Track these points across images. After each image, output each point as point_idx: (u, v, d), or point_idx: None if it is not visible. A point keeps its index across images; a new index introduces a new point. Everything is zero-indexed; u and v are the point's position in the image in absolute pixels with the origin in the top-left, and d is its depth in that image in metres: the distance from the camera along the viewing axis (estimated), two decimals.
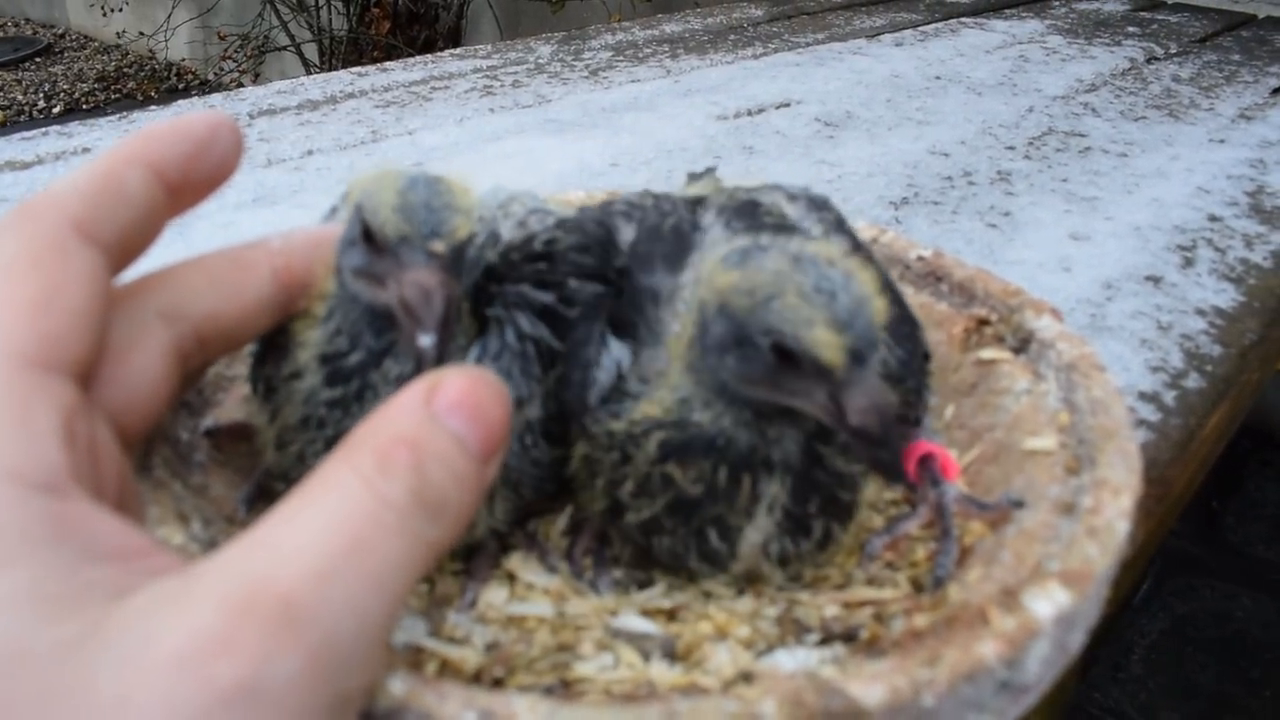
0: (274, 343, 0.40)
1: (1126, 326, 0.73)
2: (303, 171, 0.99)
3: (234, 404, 0.45)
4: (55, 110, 4.60)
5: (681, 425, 0.36)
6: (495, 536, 0.41)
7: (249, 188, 0.95)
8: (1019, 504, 0.39)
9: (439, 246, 0.34)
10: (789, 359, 0.33)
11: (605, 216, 0.42)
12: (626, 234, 0.41)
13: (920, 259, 0.53)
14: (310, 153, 1.05)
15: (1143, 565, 0.57)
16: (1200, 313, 0.76)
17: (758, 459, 0.36)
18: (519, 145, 1.06)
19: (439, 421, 0.28)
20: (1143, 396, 0.65)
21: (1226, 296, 0.79)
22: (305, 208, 0.91)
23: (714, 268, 0.35)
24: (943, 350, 0.49)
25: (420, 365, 0.33)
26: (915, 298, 0.52)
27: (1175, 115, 1.26)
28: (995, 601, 0.32)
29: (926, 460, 0.42)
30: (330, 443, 0.36)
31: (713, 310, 0.35)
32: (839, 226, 0.44)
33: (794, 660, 0.35)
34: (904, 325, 0.43)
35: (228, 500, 0.40)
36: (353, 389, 0.37)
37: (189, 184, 0.34)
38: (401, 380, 0.36)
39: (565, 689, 0.34)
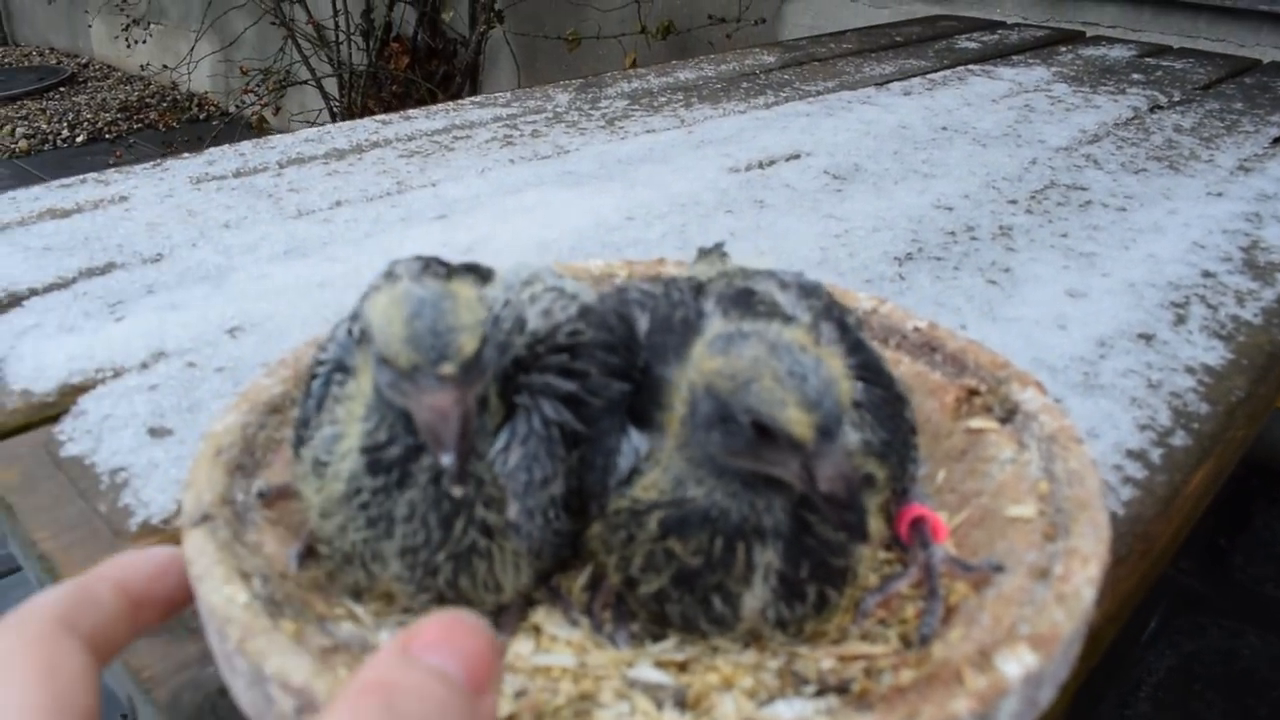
0: (316, 422, 0.44)
1: (1118, 385, 0.76)
2: (331, 224, 1.04)
3: (282, 465, 0.49)
4: (79, 139, 4.68)
5: (678, 503, 0.41)
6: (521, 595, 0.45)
7: (281, 240, 1.00)
8: (999, 568, 0.42)
9: (449, 369, 0.38)
10: (767, 434, 0.38)
11: (624, 307, 0.46)
12: (641, 324, 0.45)
13: (916, 330, 0.57)
14: (338, 204, 1.09)
15: (1126, 615, 0.61)
16: (1190, 370, 0.80)
17: (749, 527, 0.40)
18: (538, 198, 1.10)
19: (414, 660, 0.30)
20: (1130, 454, 0.68)
21: (1216, 354, 0.82)
22: (334, 260, 0.95)
23: (700, 353, 0.41)
24: (936, 418, 0.53)
25: (446, 479, 0.38)
26: (911, 366, 0.56)
27: (1175, 167, 1.30)
28: (970, 661, 0.35)
29: (918, 523, 0.46)
30: (372, 521, 0.41)
31: (700, 392, 0.40)
32: (828, 313, 0.49)
33: (792, 710, 0.38)
34: (889, 405, 0.46)
35: (280, 557, 0.44)
36: (394, 477, 0.41)
37: (149, 601, 0.39)
38: (437, 471, 0.40)
39: None
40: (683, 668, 0.41)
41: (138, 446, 0.67)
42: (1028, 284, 0.92)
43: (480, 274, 0.53)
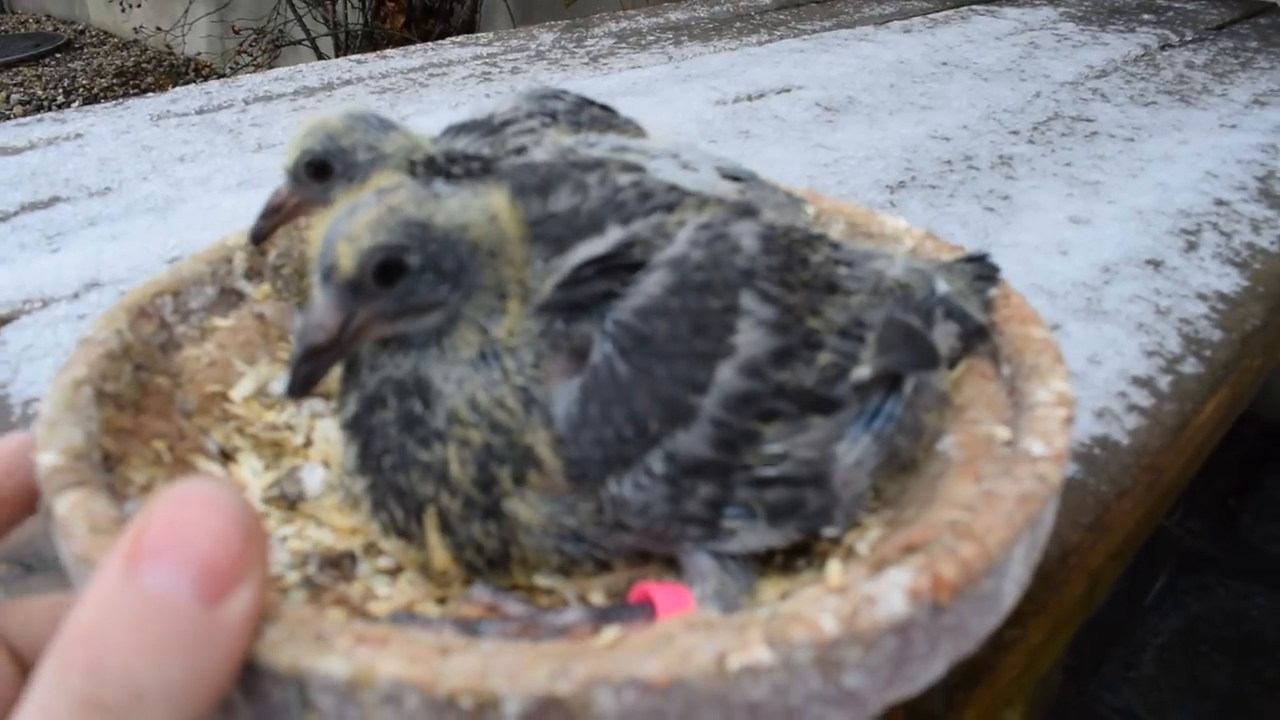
0: None
1: (1123, 310, 0.70)
2: None
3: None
4: (74, 105, 4.62)
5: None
6: None
7: (236, 172, 0.94)
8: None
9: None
10: None
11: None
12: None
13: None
14: None
15: (1131, 554, 0.55)
16: (1202, 297, 0.74)
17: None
18: None
19: (131, 583, 0.23)
20: (1136, 381, 0.63)
21: (1230, 281, 0.76)
22: None
23: None
24: None
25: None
26: None
27: (1187, 101, 1.23)
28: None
29: (643, 601, 0.35)
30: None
31: None
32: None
33: None
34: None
35: None
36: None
37: (14, 494, 0.33)
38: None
39: None
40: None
41: (55, 377, 0.62)
42: (1027, 211, 0.86)
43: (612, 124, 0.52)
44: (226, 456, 0.41)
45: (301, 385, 0.34)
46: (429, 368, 0.35)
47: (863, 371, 0.37)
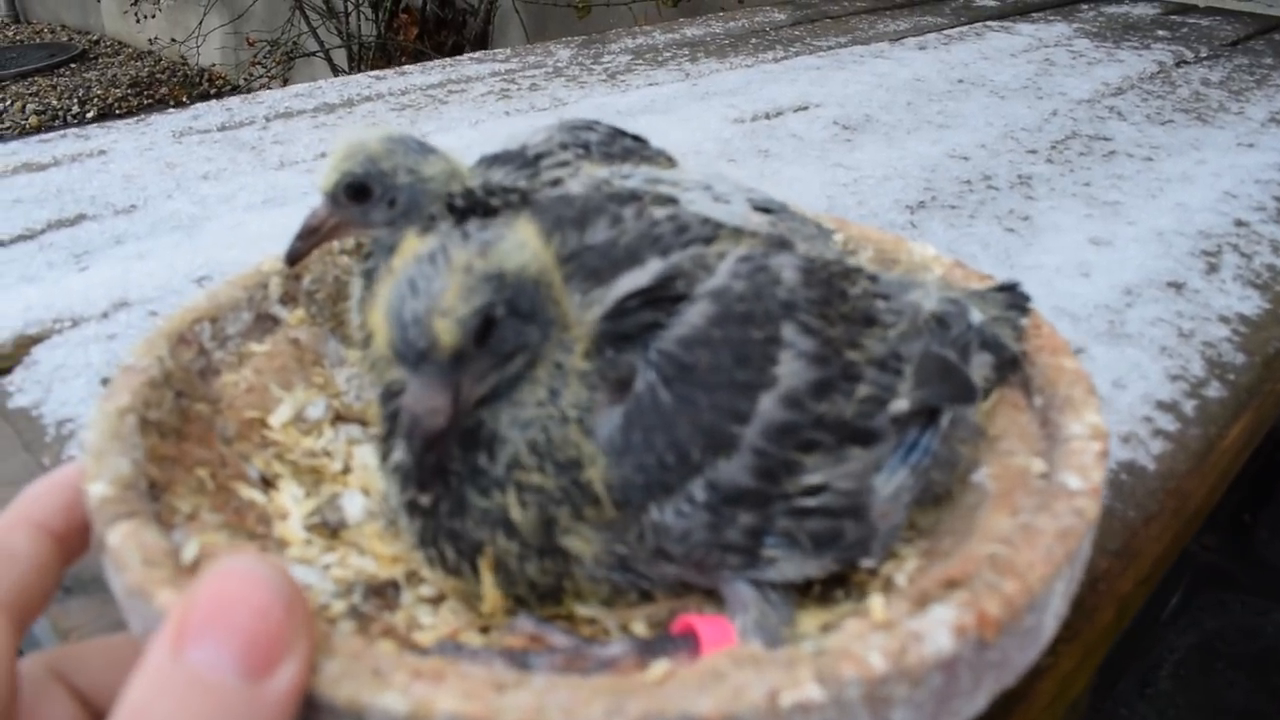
0: None
1: (1146, 333, 0.71)
2: (315, 173, 0.99)
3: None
4: (89, 115, 4.64)
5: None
6: None
7: (260, 189, 0.95)
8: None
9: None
10: None
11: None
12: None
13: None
14: (323, 155, 1.04)
15: (1158, 578, 0.55)
16: (1224, 320, 0.74)
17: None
18: None
19: (179, 660, 0.24)
20: (1161, 405, 0.63)
21: (1252, 304, 0.77)
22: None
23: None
24: None
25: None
26: None
27: (1203, 119, 1.23)
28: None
29: (686, 632, 0.35)
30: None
31: None
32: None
33: None
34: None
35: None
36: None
37: (74, 530, 0.33)
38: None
39: None
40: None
41: (88, 397, 0.62)
42: (1048, 232, 0.86)
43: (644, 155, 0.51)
44: (267, 483, 0.42)
45: (432, 475, 0.34)
46: (495, 415, 0.35)
47: (901, 404, 0.37)
